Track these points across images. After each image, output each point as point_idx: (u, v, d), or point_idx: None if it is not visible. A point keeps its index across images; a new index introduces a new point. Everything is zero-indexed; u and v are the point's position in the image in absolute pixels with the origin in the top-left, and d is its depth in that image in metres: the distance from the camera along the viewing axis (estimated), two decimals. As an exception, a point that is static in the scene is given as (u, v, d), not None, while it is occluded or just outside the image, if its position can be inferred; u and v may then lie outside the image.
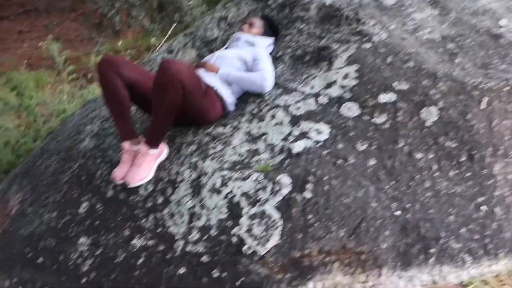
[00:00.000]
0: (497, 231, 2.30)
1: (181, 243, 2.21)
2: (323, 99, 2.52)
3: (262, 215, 2.17)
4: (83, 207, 2.51)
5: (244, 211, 2.19)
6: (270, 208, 2.18)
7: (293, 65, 2.88)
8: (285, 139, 2.40)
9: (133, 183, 2.42)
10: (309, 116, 2.46)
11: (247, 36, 3.00)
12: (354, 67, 2.59)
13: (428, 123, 2.44)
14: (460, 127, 2.44)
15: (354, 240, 2.17)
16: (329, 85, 2.56)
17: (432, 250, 2.22)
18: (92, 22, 8.05)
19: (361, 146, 2.38)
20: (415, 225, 2.23)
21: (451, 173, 2.38)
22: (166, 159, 2.52)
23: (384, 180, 2.32)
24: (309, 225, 2.15)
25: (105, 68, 2.44)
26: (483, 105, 2.49)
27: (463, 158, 2.40)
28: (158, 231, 2.27)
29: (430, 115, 2.45)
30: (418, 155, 2.39)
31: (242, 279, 2.11)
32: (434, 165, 2.38)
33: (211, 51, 3.44)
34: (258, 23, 3.08)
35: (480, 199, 2.34)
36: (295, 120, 2.46)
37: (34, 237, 2.51)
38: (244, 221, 2.17)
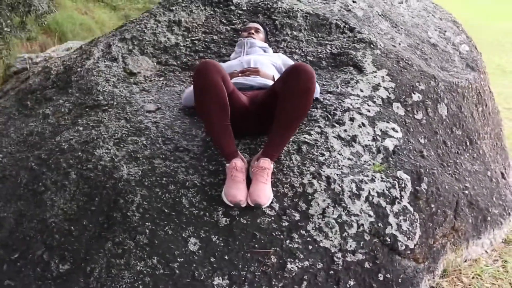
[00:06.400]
0: (508, 196, 2.97)
1: (339, 255, 2.11)
2: (378, 101, 2.72)
3: (404, 211, 2.27)
4: (193, 244, 2.06)
5: (388, 210, 2.25)
6: (407, 203, 2.30)
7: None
8: (374, 139, 2.52)
9: (266, 203, 2.12)
10: (380, 117, 2.63)
11: (258, 42, 2.89)
12: (384, 71, 2.87)
13: (444, 117, 2.92)
14: (460, 118, 3.01)
15: (459, 220, 2.50)
16: (375, 88, 2.77)
17: (488, 219, 2.72)
18: None
19: (421, 140, 2.69)
20: (475, 200, 2.69)
21: (466, 155, 2.93)
22: (275, 173, 2.29)
23: (445, 166, 2.70)
24: (433, 213, 2.37)
25: (213, 73, 2.07)
26: (465, 99, 3.12)
27: (467, 143, 2.98)
28: (310, 248, 2.10)
29: (443, 109, 2.94)
30: (448, 143, 2.85)
31: (402, 275, 2.19)
32: (456, 149, 2.88)
33: (177, 58, 3.13)
34: (261, 29, 2.99)
35: (489, 173, 2.97)
36: (371, 121, 2.59)
37: (140, 294, 1.93)
38: (392, 219, 2.23)
